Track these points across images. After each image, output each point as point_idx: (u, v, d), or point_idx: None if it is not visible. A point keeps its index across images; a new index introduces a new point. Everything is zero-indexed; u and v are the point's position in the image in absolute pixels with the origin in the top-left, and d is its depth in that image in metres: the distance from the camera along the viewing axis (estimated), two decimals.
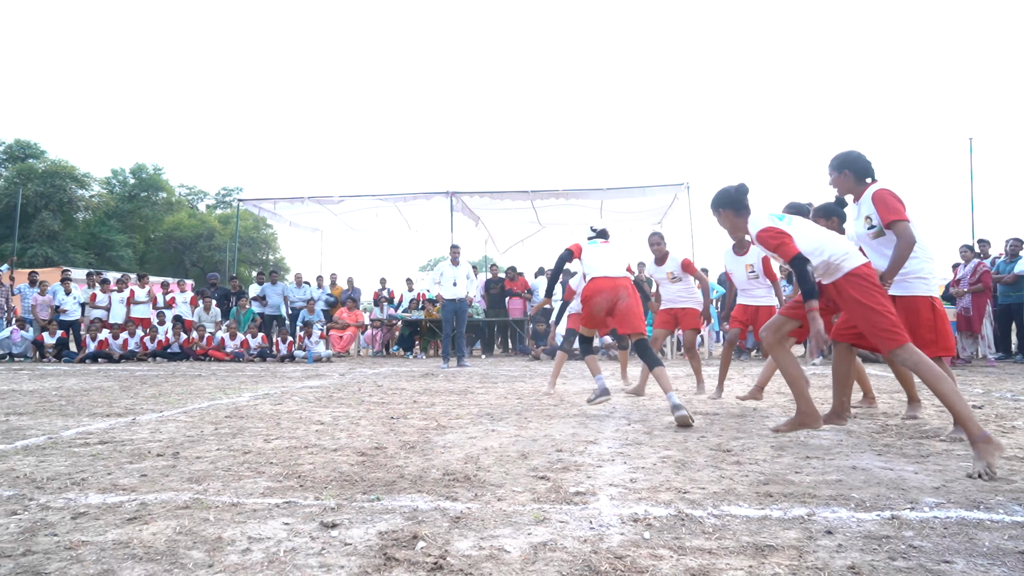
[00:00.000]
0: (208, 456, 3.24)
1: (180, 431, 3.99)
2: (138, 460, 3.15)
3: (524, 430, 3.97)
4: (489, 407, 5.05)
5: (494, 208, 15.49)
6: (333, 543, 1.92)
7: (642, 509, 2.25)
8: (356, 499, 2.42)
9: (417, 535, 1.97)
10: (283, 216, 15.72)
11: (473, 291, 10.93)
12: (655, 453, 3.26)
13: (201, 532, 2.03)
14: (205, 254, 39.69)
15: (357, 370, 9.40)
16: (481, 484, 2.63)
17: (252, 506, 2.33)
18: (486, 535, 1.99)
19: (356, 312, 13.89)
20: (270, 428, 4.09)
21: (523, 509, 2.27)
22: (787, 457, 3.14)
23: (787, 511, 2.23)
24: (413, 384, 7.11)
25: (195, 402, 5.50)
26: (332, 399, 5.68)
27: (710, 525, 2.08)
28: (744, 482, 2.66)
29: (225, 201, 46.37)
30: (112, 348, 11.80)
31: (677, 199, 14.24)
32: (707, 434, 3.79)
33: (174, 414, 4.75)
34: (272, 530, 2.06)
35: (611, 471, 2.87)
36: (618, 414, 4.68)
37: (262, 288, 13.73)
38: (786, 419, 3.73)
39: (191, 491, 2.54)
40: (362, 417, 4.54)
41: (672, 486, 2.59)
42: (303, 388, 6.72)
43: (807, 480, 2.68)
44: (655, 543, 1.91)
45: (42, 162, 36.27)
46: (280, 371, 9.32)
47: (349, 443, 3.56)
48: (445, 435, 3.81)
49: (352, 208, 15.06)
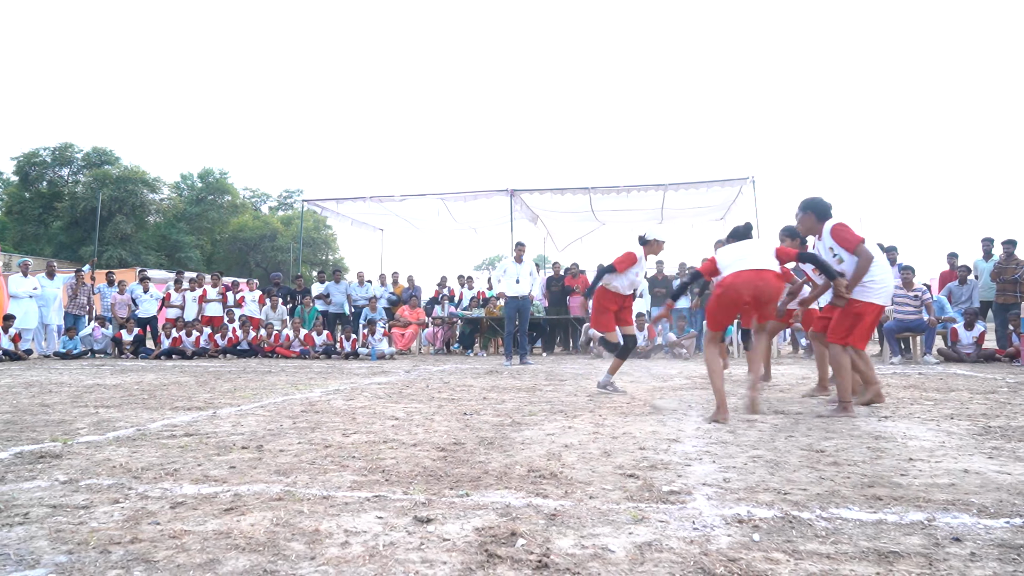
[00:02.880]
0: (291, 450, 3.27)
1: (260, 425, 4.05)
2: (224, 452, 3.20)
3: (601, 427, 3.88)
4: (560, 404, 4.98)
5: (553, 206, 15.43)
6: (431, 538, 1.89)
7: (744, 510, 2.15)
8: (444, 494, 2.39)
9: (515, 532, 1.92)
10: (345, 215, 16.00)
11: (536, 289, 10.88)
12: (743, 453, 3.14)
13: (298, 524, 2.03)
14: (269, 254, 40.82)
15: (421, 367, 9.47)
16: (569, 481, 2.57)
17: (343, 499, 2.32)
18: (586, 533, 1.92)
19: (418, 310, 14.01)
20: (346, 423, 4.12)
21: (618, 507, 2.19)
22: (887, 459, 2.98)
23: (902, 516, 2.09)
24: (479, 381, 7.10)
25: (269, 397, 5.60)
26: (402, 395, 5.71)
27: (821, 528, 1.97)
28: (847, 484, 2.51)
29: (287, 203, 47.65)
30: (185, 345, 12.21)
31: (742, 194, 13.88)
32: (794, 434, 3.64)
33: (251, 408, 4.84)
34: (367, 524, 2.04)
35: (701, 470, 2.77)
36: (695, 412, 4.55)
37: (326, 287, 13.99)
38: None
39: (280, 483, 2.56)
40: (435, 413, 4.53)
41: (770, 487, 2.47)
42: (371, 384, 6.79)
43: (916, 483, 2.52)
44: (766, 546, 1.81)
45: (116, 168, 37.91)
46: (346, 368, 9.46)
47: (427, 438, 3.55)
48: (522, 432, 3.76)
49: (413, 207, 15.21)
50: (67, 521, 2.08)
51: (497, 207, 14.97)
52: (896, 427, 3.84)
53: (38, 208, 37.12)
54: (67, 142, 38.52)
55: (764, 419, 4.21)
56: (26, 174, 38.08)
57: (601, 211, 15.64)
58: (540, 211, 15.98)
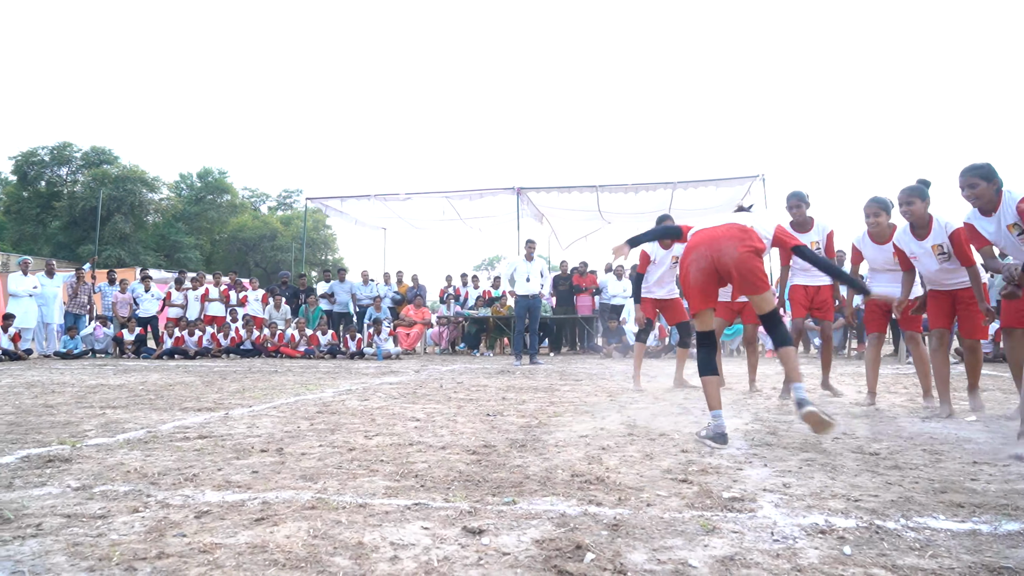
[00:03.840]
0: (313, 453, 3.09)
1: (276, 426, 3.87)
2: (244, 456, 3.02)
3: (634, 429, 3.71)
4: (584, 405, 4.81)
5: (558, 204, 15.26)
6: (488, 552, 1.71)
7: (821, 519, 1.98)
8: (488, 501, 2.22)
9: (580, 545, 1.74)
10: (349, 214, 15.82)
11: (546, 288, 10.71)
12: (792, 455, 2.97)
13: (338, 536, 1.85)
14: (268, 254, 40.61)
15: (430, 367, 9.29)
16: (618, 487, 2.40)
17: (381, 508, 2.14)
18: (657, 546, 1.75)
19: (423, 309, 13.84)
20: (366, 424, 3.95)
21: (681, 516, 2.02)
22: (949, 462, 2.81)
23: (996, 526, 1.92)
24: (493, 381, 6.92)
25: (280, 397, 5.42)
26: (417, 395, 5.54)
27: (912, 540, 1.79)
28: (917, 490, 2.35)
29: (286, 203, 47.44)
30: (188, 345, 12.02)
31: (751, 192, 13.71)
32: (839, 435, 3.47)
33: (264, 409, 4.67)
34: (413, 535, 1.86)
35: (755, 474, 2.60)
36: (726, 412, 4.37)
37: (330, 286, 13.81)
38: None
39: (310, 490, 2.38)
40: (457, 414, 4.35)
41: (836, 492, 2.30)
42: (383, 384, 6.61)
43: (992, 489, 2.35)
44: (862, 561, 1.64)
45: (115, 167, 37.68)
46: (353, 368, 9.28)
47: (454, 441, 3.37)
48: (552, 433, 3.58)
49: (417, 206, 15.03)
50: (84, 533, 1.90)
51: (502, 205, 14.81)
52: (944, 429, 3.68)
53: (36, 208, 36.90)
54: (66, 141, 38.33)
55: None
56: (24, 173, 37.86)
57: (608, 211, 15.47)
58: (546, 209, 15.81)
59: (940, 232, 4.00)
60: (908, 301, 4.31)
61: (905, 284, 4.32)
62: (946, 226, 3.98)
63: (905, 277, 4.33)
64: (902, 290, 4.34)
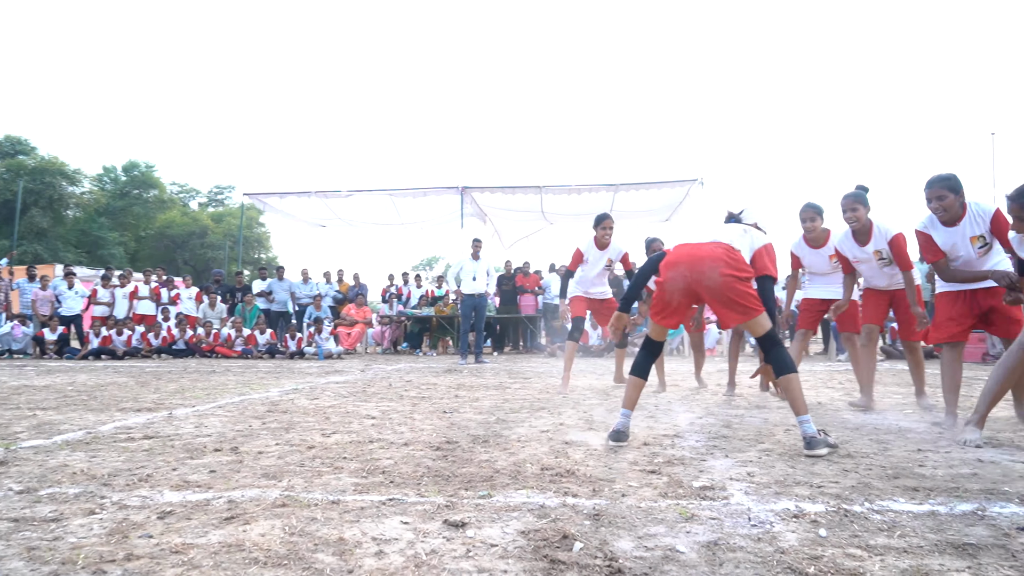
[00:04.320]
0: (271, 451, 3.00)
1: (226, 426, 3.74)
2: (198, 455, 2.90)
3: (592, 424, 3.75)
4: (538, 402, 4.83)
5: (502, 205, 15.27)
6: (476, 544, 1.70)
7: (791, 505, 2.04)
8: (462, 495, 2.20)
9: (567, 535, 1.74)
10: (287, 211, 15.41)
11: (492, 287, 10.69)
12: (750, 447, 3.06)
13: (316, 533, 1.80)
14: (198, 252, 39.13)
15: (375, 367, 9.15)
16: (590, 479, 2.41)
17: (356, 504, 2.09)
18: (641, 534, 1.77)
19: (364, 308, 13.62)
20: (321, 423, 3.85)
21: (658, 505, 2.05)
22: (896, 450, 2.95)
23: (951, 507, 2.02)
24: (442, 379, 6.87)
25: (224, 397, 5.24)
26: (367, 394, 5.44)
27: (880, 522, 1.87)
28: (872, 476, 2.45)
29: (218, 199, 45.84)
30: (116, 344, 11.47)
31: (689, 195, 14.06)
32: (789, 427, 3.59)
33: (209, 409, 4.49)
34: (394, 530, 1.83)
35: (719, 465, 2.66)
36: (678, 407, 4.47)
37: (268, 284, 13.43)
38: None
39: (276, 488, 2.31)
40: (412, 411, 4.30)
41: (799, 480, 2.38)
42: (330, 383, 6.47)
43: (939, 474, 2.48)
44: (838, 542, 1.70)
45: (32, 158, 35.61)
46: (295, 367, 9.05)
47: (416, 437, 3.33)
48: (512, 429, 3.58)
49: (359, 203, 14.78)
50: (39, 537, 1.79)
51: (446, 205, 14.71)
52: (884, 420, 3.86)
53: None
54: None
55: (752, 413, 4.17)
56: None
57: (551, 211, 15.58)
58: (489, 209, 15.79)
59: (880, 238, 4.17)
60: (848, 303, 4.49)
61: (846, 287, 4.50)
62: (886, 233, 4.15)
63: (846, 280, 4.50)
64: (844, 292, 4.51)
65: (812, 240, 4.81)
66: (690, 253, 3.12)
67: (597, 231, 5.68)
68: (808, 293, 5.09)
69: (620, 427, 3.11)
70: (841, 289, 4.63)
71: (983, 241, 3.46)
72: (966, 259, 3.54)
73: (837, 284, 4.79)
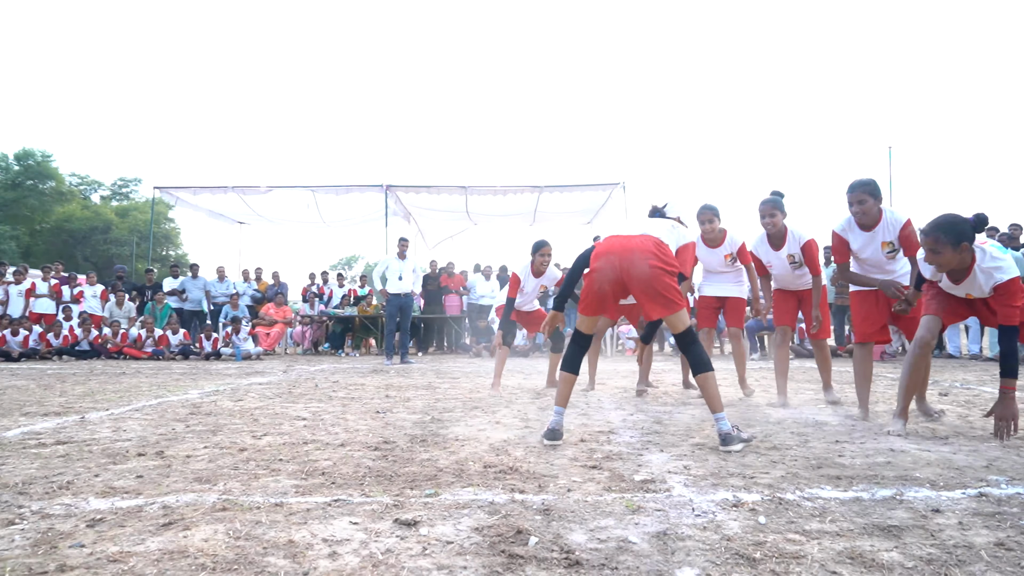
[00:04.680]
0: (200, 455, 2.88)
1: (147, 429, 3.56)
2: (121, 461, 2.76)
3: (528, 422, 3.79)
4: (470, 401, 4.83)
5: (427, 204, 15.17)
6: (431, 542, 1.69)
7: (729, 495, 2.14)
8: (408, 495, 2.18)
9: (520, 530, 1.76)
10: (202, 206, 14.77)
11: (418, 287, 10.60)
12: (683, 441, 3.17)
13: (263, 536, 1.75)
14: (100, 248, 36.92)
15: (297, 367, 8.90)
16: (534, 475, 2.44)
17: (300, 506, 2.04)
18: (593, 527, 1.81)
19: (284, 308, 13.23)
20: (249, 424, 3.73)
21: (604, 499, 2.10)
22: (815, 442, 3.12)
23: (872, 493, 2.16)
24: (369, 380, 6.76)
25: (140, 400, 4.97)
26: (294, 395, 5.29)
27: (811, 508, 1.99)
28: (798, 466, 2.59)
29: (122, 192, 43.40)
30: (10, 345, 10.67)
31: (612, 198, 14.38)
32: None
33: (126, 412, 4.26)
34: (344, 531, 1.80)
35: (656, 459, 2.75)
36: (609, 405, 4.58)
37: (181, 282, 12.84)
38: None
39: (212, 492, 2.22)
40: (344, 412, 4.22)
41: (732, 472, 2.49)
42: (252, 385, 6.25)
43: (857, 463, 2.64)
44: (776, 528, 1.79)
45: None
46: (212, 369, 8.69)
47: (352, 438, 3.27)
48: (449, 428, 3.58)
49: (279, 200, 14.34)
50: None
51: (369, 203, 14.48)
52: (801, 414, 4.07)
53: None
54: None
55: (680, 409, 4.32)
56: None
57: (475, 212, 15.60)
58: (413, 208, 15.65)
59: (794, 243, 4.41)
60: (763, 304, 4.73)
61: (762, 288, 4.73)
62: (800, 238, 4.39)
63: (762, 282, 4.73)
64: (764, 294, 4.74)
65: (709, 240, 5.06)
66: (621, 244, 3.17)
67: (535, 258, 5.58)
68: (703, 291, 5.33)
69: (554, 425, 3.15)
70: (733, 287, 4.93)
71: (892, 247, 3.71)
72: (874, 262, 3.80)
73: (730, 282, 5.09)
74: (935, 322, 3.28)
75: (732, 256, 5.07)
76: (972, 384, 5.90)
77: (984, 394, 5.07)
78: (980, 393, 5.14)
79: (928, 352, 3.33)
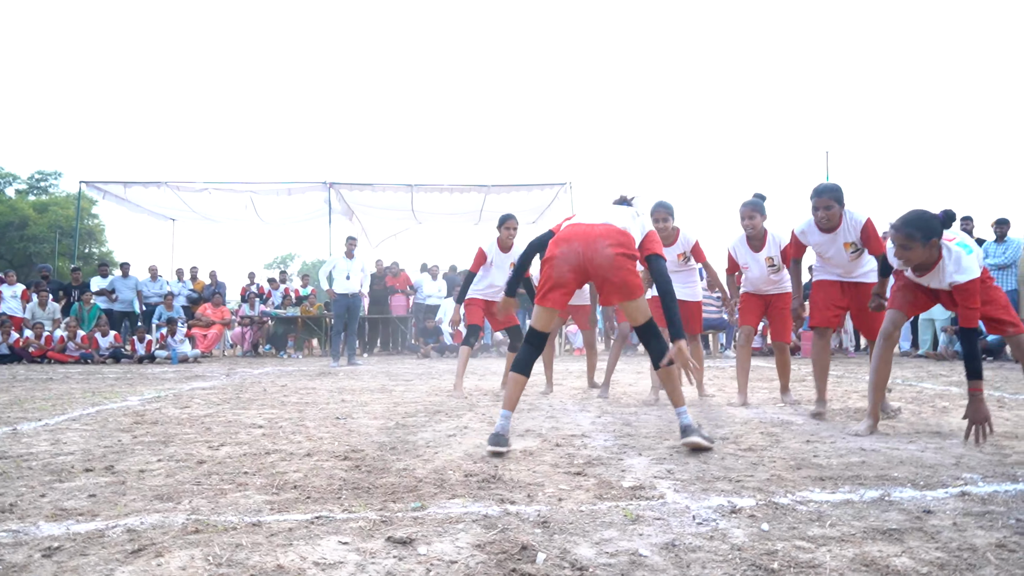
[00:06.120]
0: (155, 469, 2.69)
1: (89, 441, 3.31)
2: (67, 478, 2.54)
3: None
4: (432, 405, 4.72)
5: (371, 202, 14.86)
6: (433, 562, 1.59)
7: (724, 501, 2.11)
8: (392, 508, 2.07)
9: (525, 545, 1.68)
10: (132, 201, 14.06)
11: (365, 287, 10.36)
12: (658, 444, 3.15)
13: (247, 561, 1.61)
14: (16, 245, 34.87)
15: (239, 370, 8.55)
16: (519, 485, 2.36)
17: (279, 525, 1.90)
18: (598, 539, 1.74)
19: (222, 308, 12.73)
20: (201, 434, 3.52)
21: (599, 508, 2.04)
22: (787, 442, 3.15)
23: (860, 494, 2.17)
24: (319, 383, 6.54)
25: (75, 408, 4.65)
26: (242, 400, 5.06)
27: (807, 512, 1.98)
28: (778, 468, 2.60)
29: (40, 186, 41.08)
30: None
31: (558, 198, 14.41)
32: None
33: (62, 422, 3.97)
34: (335, 552, 1.68)
35: (637, 463, 2.71)
36: (572, 407, 4.54)
37: (110, 282, 12.19)
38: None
39: (178, 511, 2.05)
40: (302, 418, 4.04)
41: (717, 475, 2.47)
42: (195, 390, 5.95)
43: (835, 463, 2.67)
44: (782, 535, 1.76)
45: None
46: (147, 373, 8.26)
47: (316, 447, 3.12)
48: (416, 434, 3.46)
49: (216, 197, 13.78)
50: None
51: (311, 201, 14.07)
52: (765, 414, 4.12)
53: None
54: None
55: (645, 411, 4.31)
56: None
57: (421, 210, 15.37)
58: (356, 206, 15.30)
59: (774, 246, 4.47)
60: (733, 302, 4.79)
61: (728, 285, 4.79)
62: (780, 241, 4.45)
63: (728, 280, 4.80)
64: (731, 292, 4.81)
65: (663, 239, 5.02)
66: (584, 232, 3.13)
67: (501, 231, 5.50)
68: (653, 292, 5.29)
69: (500, 430, 3.01)
70: (682, 288, 4.92)
71: (855, 247, 3.80)
72: (839, 262, 3.88)
73: (681, 282, 5.04)
74: (899, 316, 3.36)
75: (685, 255, 5.06)
76: (912, 381, 6.14)
77: (926, 391, 5.27)
78: (923, 390, 5.34)
79: (892, 346, 3.41)
